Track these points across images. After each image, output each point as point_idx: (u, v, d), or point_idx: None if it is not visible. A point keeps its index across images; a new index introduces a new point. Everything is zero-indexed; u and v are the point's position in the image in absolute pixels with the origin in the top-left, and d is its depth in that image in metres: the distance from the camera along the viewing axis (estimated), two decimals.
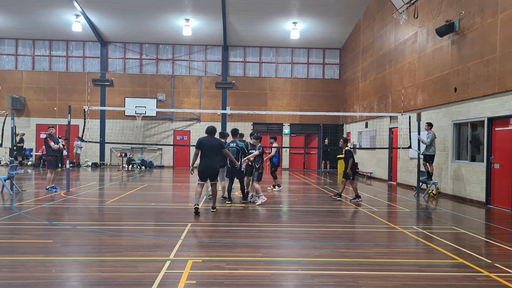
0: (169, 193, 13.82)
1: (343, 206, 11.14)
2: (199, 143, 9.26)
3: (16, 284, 4.68)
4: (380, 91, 19.02)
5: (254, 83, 25.81)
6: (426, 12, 14.66)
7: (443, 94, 13.57)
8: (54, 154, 12.80)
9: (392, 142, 18.08)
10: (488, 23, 11.34)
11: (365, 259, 5.92)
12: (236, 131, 11.13)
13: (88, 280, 4.92)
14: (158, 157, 25.76)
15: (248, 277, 5.07)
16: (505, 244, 6.96)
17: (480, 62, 11.65)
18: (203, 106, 25.29)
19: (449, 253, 6.30)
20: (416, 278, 5.12)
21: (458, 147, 13.11)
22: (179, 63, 25.83)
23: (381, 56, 19.03)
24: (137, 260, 5.65)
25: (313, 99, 25.91)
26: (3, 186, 12.12)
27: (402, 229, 8.05)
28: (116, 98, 25.06)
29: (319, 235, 7.59)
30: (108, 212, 9.48)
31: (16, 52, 25.38)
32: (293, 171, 24.36)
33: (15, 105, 24.01)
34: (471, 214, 10.05)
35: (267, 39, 24.89)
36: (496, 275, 5.23)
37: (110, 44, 25.56)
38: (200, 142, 9.26)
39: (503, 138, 10.84)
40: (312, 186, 16.48)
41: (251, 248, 6.44)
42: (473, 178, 11.95)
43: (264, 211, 9.87)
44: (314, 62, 26.29)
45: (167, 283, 4.77)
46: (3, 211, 9.16)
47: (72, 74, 25.33)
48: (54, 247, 6.32)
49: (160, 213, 9.41)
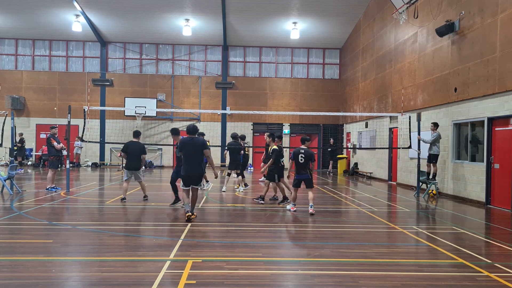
0: (169, 193, 13.79)
1: (343, 206, 11.14)
2: (181, 144, 8.44)
3: (16, 284, 4.68)
4: (380, 91, 19.02)
5: (254, 83, 25.81)
6: (426, 12, 14.66)
7: (443, 94, 13.57)
8: (57, 154, 12.85)
9: (392, 142, 18.08)
10: (488, 23, 11.33)
11: (365, 259, 5.92)
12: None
13: (88, 280, 4.91)
14: (158, 157, 25.77)
15: (248, 277, 5.07)
16: (505, 244, 6.96)
17: (480, 62, 11.65)
18: (203, 106, 25.29)
19: (449, 253, 6.29)
20: (416, 278, 5.12)
21: (458, 147, 13.11)
22: (179, 63, 25.83)
23: (381, 56, 19.03)
24: (137, 260, 5.65)
25: (313, 99, 25.91)
26: (3, 186, 12.12)
27: (402, 229, 8.05)
28: (116, 98, 25.06)
29: (319, 235, 7.59)
30: (108, 212, 9.48)
31: (16, 52, 25.38)
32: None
33: (15, 105, 24.01)
34: (471, 214, 10.05)
35: (267, 39, 24.89)
36: (496, 275, 5.23)
37: (110, 44, 25.56)
38: (181, 143, 8.44)
39: (503, 138, 10.84)
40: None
41: (251, 248, 6.44)
42: (473, 178, 11.95)
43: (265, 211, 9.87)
44: (314, 62, 26.29)
45: (167, 283, 4.77)
46: (3, 211, 9.16)
47: (72, 74, 25.33)
48: (54, 247, 6.32)
49: (160, 213, 9.40)
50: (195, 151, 8.32)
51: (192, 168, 8.32)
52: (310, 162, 9.45)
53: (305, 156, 9.38)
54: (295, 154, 9.47)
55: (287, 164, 15.21)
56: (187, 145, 8.36)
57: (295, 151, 9.55)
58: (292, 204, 9.80)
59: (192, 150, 8.31)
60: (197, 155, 8.34)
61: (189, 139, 8.42)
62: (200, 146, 8.33)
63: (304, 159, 9.38)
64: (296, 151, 9.51)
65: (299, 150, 9.50)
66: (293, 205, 9.77)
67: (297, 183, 9.65)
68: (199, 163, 8.35)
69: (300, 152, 9.44)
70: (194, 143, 8.35)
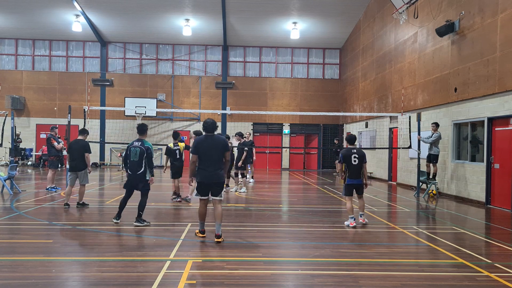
0: (169, 193, 13.81)
1: (343, 206, 11.13)
2: (195, 145, 6.91)
3: (16, 284, 4.67)
4: (380, 91, 19.02)
5: (254, 83, 25.81)
6: (426, 12, 14.65)
7: (443, 94, 13.57)
8: (57, 154, 12.89)
9: (392, 142, 18.08)
10: (488, 23, 11.33)
11: (365, 259, 5.92)
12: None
13: (88, 280, 4.91)
14: (158, 157, 25.76)
15: (248, 277, 5.07)
16: (505, 244, 6.96)
17: (480, 62, 11.65)
18: (203, 106, 25.28)
19: (449, 253, 6.29)
20: (416, 278, 5.12)
21: (458, 147, 13.11)
22: (179, 63, 25.83)
23: (381, 56, 19.03)
24: (137, 260, 5.65)
25: (313, 99, 25.91)
26: (3, 186, 12.12)
27: (402, 229, 8.05)
28: (116, 98, 25.06)
29: (319, 235, 7.59)
30: (108, 212, 9.47)
31: (16, 52, 25.38)
32: (293, 171, 24.35)
33: (15, 105, 24.00)
34: (471, 214, 10.05)
35: (267, 39, 24.88)
36: (496, 275, 5.23)
37: (110, 44, 25.56)
38: (197, 143, 6.92)
39: (503, 138, 10.84)
40: (312, 186, 16.48)
41: (251, 248, 6.44)
42: (473, 178, 11.95)
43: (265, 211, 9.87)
44: (314, 62, 26.29)
45: (167, 283, 4.77)
46: (3, 211, 9.16)
47: (72, 74, 25.32)
48: (54, 247, 6.32)
49: (160, 213, 9.40)
50: (215, 152, 6.81)
51: (211, 174, 6.75)
52: (363, 163, 8.22)
53: (358, 156, 8.13)
54: (346, 155, 8.17)
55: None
56: (204, 144, 6.84)
57: (345, 153, 8.21)
58: (351, 218, 8.10)
59: (210, 151, 6.79)
60: (216, 156, 6.82)
61: (206, 137, 6.92)
62: (221, 147, 6.87)
63: (358, 159, 8.12)
64: (346, 152, 8.20)
65: (350, 150, 8.19)
66: (353, 220, 8.08)
67: (350, 190, 8.29)
68: (220, 166, 6.85)
69: (352, 152, 8.15)
70: (214, 142, 6.88)
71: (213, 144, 6.84)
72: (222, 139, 7.02)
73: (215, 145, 6.84)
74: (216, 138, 6.94)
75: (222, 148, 6.88)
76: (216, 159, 6.80)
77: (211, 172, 6.74)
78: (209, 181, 6.77)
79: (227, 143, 7.02)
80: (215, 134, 7.00)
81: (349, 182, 8.23)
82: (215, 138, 6.93)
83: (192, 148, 6.94)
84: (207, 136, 6.92)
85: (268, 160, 25.75)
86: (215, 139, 6.91)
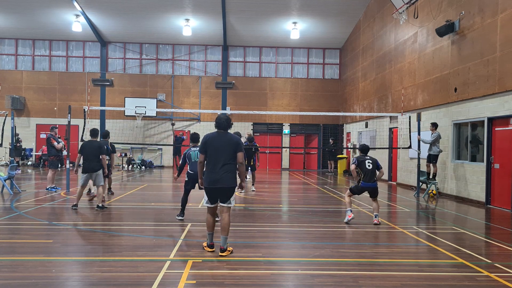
0: (169, 193, 13.82)
1: (343, 206, 11.13)
2: (204, 142, 6.12)
3: (16, 284, 4.68)
4: (380, 91, 19.02)
5: (254, 83, 25.81)
6: (426, 12, 14.66)
7: (443, 94, 13.57)
8: (57, 154, 12.90)
9: (392, 142, 18.08)
10: (488, 23, 11.33)
11: (365, 259, 5.92)
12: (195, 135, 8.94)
13: (88, 280, 4.92)
14: (158, 157, 25.77)
15: (248, 277, 5.07)
16: (505, 244, 6.96)
17: (480, 62, 11.65)
18: (203, 106, 25.28)
19: (449, 253, 6.29)
20: (416, 278, 5.12)
21: (458, 147, 13.11)
22: (179, 63, 25.83)
23: (381, 56, 19.03)
24: (137, 260, 5.65)
25: (313, 99, 25.91)
26: (3, 186, 12.12)
27: (402, 229, 8.05)
28: (116, 98, 25.06)
29: (319, 235, 7.60)
30: (108, 212, 9.47)
31: (16, 52, 25.38)
32: (293, 171, 24.36)
33: (15, 105, 24.00)
34: (471, 214, 10.05)
35: (267, 39, 24.88)
36: (496, 275, 5.23)
37: (110, 44, 25.56)
38: (206, 140, 6.11)
39: (503, 138, 10.84)
40: (312, 186, 16.48)
41: (251, 248, 6.44)
42: (473, 178, 11.95)
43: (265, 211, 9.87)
44: (314, 62, 26.28)
45: (167, 283, 4.77)
46: (3, 211, 9.16)
47: (72, 74, 25.32)
48: (54, 247, 6.32)
49: (160, 213, 9.40)
50: (226, 151, 6.01)
51: (219, 177, 5.97)
52: (380, 169, 8.73)
53: (372, 162, 8.61)
54: (361, 161, 8.63)
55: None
56: (213, 142, 6.06)
57: (359, 158, 8.68)
58: (349, 210, 8.62)
59: (220, 150, 6.01)
60: (227, 156, 6.01)
61: (217, 134, 6.15)
62: (234, 146, 6.04)
63: (372, 164, 8.58)
64: (360, 158, 8.67)
65: (364, 157, 8.69)
66: (350, 211, 8.59)
67: (360, 191, 8.84)
68: (231, 169, 6.04)
69: (366, 158, 8.64)
70: (226, 140, 6.08)
71: (224, 143, 6.02)
72: (235, 138, 6.20)
73: (226, 144, 6.02)
74: (229, 136, 6.14)
75: (235, 147, 6.03)
76: (226, 160, 5.98)
77: (220, 175, 5.95)
78: (216, 186, 5.98)
79: (241, 143, 6.18)
80: (228, 132, 6.25)
81: (363, 185, 8.66)
82: (228, 136, 6.13)
83: (200, 146, 6.21)
84: (219, 133, 6.14)
85: (268, 160, 25.74)
86: (227, 137, 6.11)
